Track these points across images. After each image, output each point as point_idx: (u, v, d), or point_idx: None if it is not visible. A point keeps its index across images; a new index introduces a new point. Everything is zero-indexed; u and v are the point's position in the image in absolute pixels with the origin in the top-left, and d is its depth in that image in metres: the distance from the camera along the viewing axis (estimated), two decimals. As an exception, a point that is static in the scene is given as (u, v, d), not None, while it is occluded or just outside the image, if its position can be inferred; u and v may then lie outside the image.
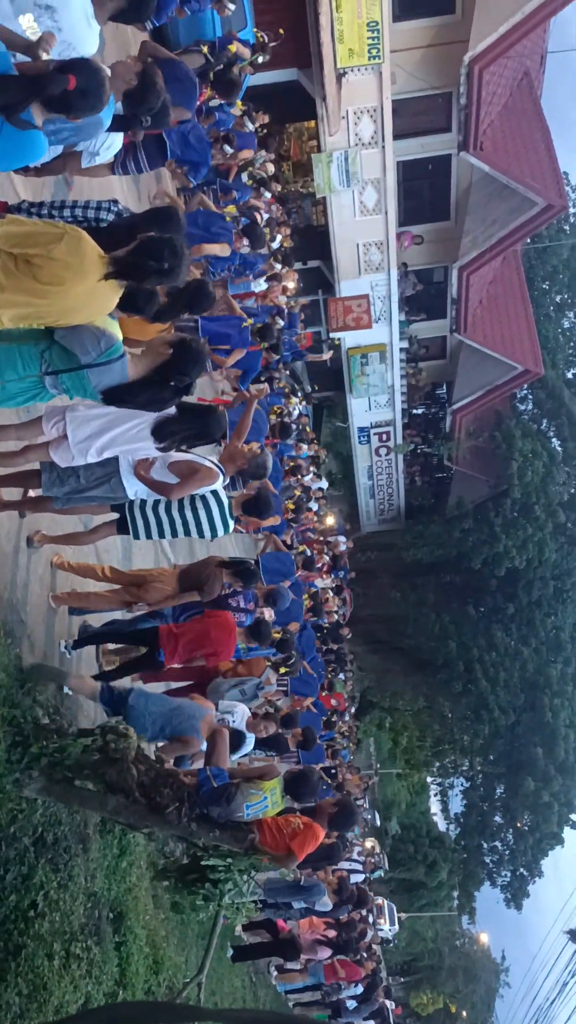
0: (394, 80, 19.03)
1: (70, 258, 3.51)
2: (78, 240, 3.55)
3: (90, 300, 3.67)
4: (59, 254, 3.49)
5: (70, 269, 3.52)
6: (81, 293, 3.62)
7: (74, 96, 3.51)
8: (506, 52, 18.71)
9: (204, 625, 6.55)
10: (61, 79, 3.45)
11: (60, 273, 3.51)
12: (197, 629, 6.51)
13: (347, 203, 20.66)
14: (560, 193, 21.30)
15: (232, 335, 9.69)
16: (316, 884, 9.07)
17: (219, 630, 6.55)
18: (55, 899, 5.05)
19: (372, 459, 26.99)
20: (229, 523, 5.89)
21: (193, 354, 4.18)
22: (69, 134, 4.01)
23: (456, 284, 22.69)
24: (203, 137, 8.95)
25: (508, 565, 26.43)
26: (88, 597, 6.26)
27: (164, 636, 6.37)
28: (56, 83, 3.44)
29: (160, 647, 6.32)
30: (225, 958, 10.17)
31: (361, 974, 13.31)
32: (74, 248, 3.53)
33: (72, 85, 3.49)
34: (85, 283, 3.59)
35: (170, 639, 6.34)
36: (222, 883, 4.77)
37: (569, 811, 30.58)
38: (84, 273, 3.56)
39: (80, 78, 3.49)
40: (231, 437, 5.74)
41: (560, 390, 28.80)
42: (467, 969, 46.75)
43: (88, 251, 3.57)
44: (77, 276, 3.55)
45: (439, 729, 33.49)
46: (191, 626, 6.55)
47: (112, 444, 4.73)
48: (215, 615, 6.68)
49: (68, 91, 3.49)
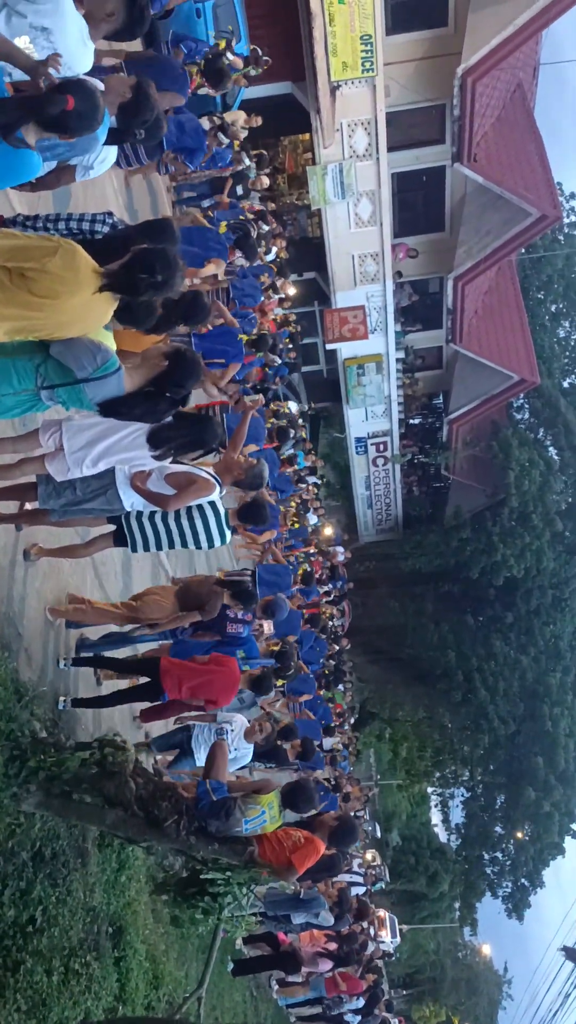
0: (388, 93, 19.15)
1: (64, 271, 3.51)
2: (72, 253, 3.55)
3: (85, 313, 3.67)
4: (53, 267, 3.49)
5: (64, 282, 3.52)
6: (75, 306, 3.62)
7: (71, 117, 3.53)
8: (499, 64, 18.82)
9: (210, 672, 6.46)
10: (60, 99, 3.46)
11: (54, 286, 3.51)
12: (202, 675, 6.42)
13: (342, 215, 20.74)
14: (554, 203, 21.40)
15: (228, 350, 9.71)
16: (316, 897, 9.02)
17: (223, 680, 6.48)
18: (54, 914, 5.02)
19: (369, 469, 27.02)
20: (226, 533, 5.88)
21: (188, 365, 4.18)
22: (64, 150, 4.03)
23: (451, 294, 22.76)
24: (198, 127, 9.00)
25: (506, 574, 26.43)
26: (86, 612, 6.23)
27: (165, 671, 6.29)
28: (54, 104, 3.45)
29: (162, 681, 6.26)
30: (226, 972, 10.11)
31: (363, 987, 13.23)
32: (68, 261, 3.53)
33: (71, 106, 3.51)
34: (79, 296, 3.59)
35: (172, 677, 6.27)
36: (221, 897, 4.75)
37: (570, 821, 30.50)
38: (78, 286, 3.56)
39: (78, 99, 3.51)
40: (227, 447, 5.73)
41: (556, 399, 28.87)
42: (469, 981, 46.54)
43: (82, 264, 3.57)
44: (71, 289, 3.55)
45: (439, 739, 33.44)
46: (195, 669, 6.46)
47: (108, 453, 4.73)
48: (223, 661, 6.62)
49: (65, 111, 3.50)
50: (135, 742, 7.33)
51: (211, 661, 6.55)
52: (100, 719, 6.74)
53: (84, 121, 3.55)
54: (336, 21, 17.06)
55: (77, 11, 3.97)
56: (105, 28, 4.09)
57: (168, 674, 6.24)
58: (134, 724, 7.77)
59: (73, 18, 3.92)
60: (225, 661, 6.58)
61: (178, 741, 7.35)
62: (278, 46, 17.00)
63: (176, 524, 5.70)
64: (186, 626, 6.89)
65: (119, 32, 4.11)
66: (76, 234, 4.35)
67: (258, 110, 13.63)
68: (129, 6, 4.02)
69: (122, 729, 7.08)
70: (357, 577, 27.69)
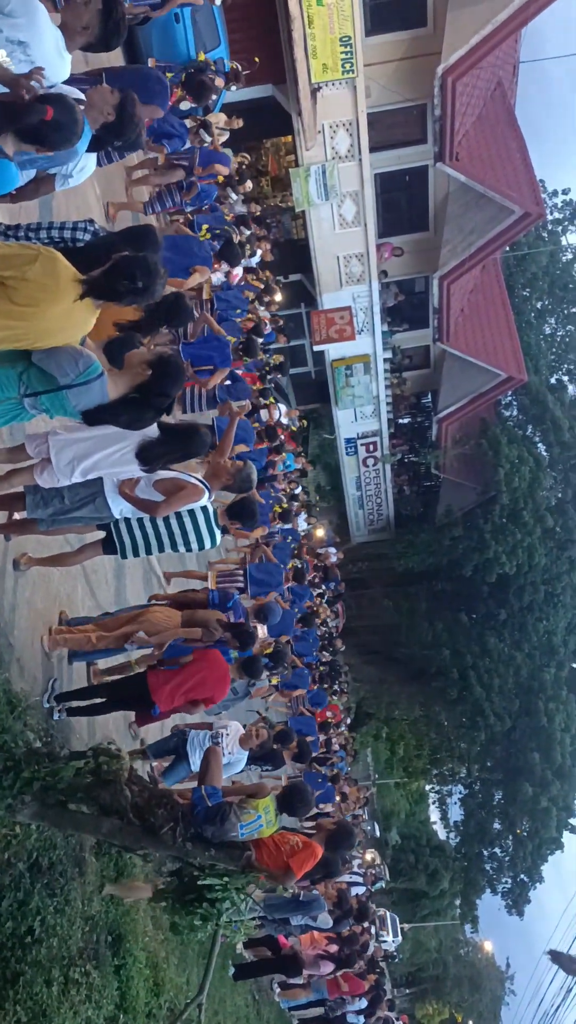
0: (369, 93, 19.18)
1: (45, 279, 3.51)
2: (53, 261, 3.56)
3: (66, 322, 3.67)
4: (33, 275, 3.49)
5: (45, 290, 3.52)
6: (57, 314, 3.63)
7: (49, 128, 3.53)
8: (478, 63, 18.88)
9: (198, 670, 6.41)
10: (39, 109, 3.47)
11: (35, 295, 3.51)
12: (191, 675, 6.37)
13: (326, 216, 20.78)
14: (537, 201, 21.47)
15: (214, 356, 9.72)
16: (316, 898, 9.01)
17: (214, 676, 6.43)
18: (52, 924, 5.01)
19: (360, 470, 27.06)
20: (216, 535, 5.88)
21: (172, 372, 4.18)
22: (44, 162, 4.04)
23: (437, 294, 22.82)
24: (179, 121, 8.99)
25: (499, 571, 26.49)
26: (85, 640, 6.19)
27: (155, 686, 6.22)
28: (33, 113, 3.45)
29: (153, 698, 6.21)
30: (227, 977, 10.10)
31: (364, 987, 13.23)
32: (49, 269, 3.53)
33: (49, 116, 3.51)
34: (61, 304, 3.59)
35: (162, 687, 6.21)
36: (219, 902, 4.74)
37: (568, 815, 30.57)
38: (59, 294, 3.56)
39: (57, 110, 3.51)
40: (215, 454, 5.73)
41: (544, 395, 28.94)
42: (472, 978, 46.58)
43: (63, 272, 3.57)
44: (52, 297, 3.55)
45: (436, 737, 33.49)
46: (183, 675, 6.38)
47: (95, 468, 4.73)
48: (207, 656, 6.59)
49: (44, 122, 3.50)
50: (129, 750, 7.33)
51: (196, 659, 6.54)
52: (94, 727, 6.73)
53: (63, 134, 3.56)
54: (315, 23, 17.09)
55: (53, 23, 3.98)
56: (81, 40, 4.10)
57: (158, 688, 6.20)
58: (129, 731, 7.76)
59: (49, 31, 3.93)
60: (210, 656, 6.56)
61: (173, 746, 7.34)
62: (258, 49, 17.02)
63: (166, 527, 5.69)
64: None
65: (95, 44, 4.12)
66: (58, 242, 4.35)
67: (239, 113, 13.63)
68: (105, 18, 4.03)
69: (116, 737, 7.07)
70: (350, 578, 27.72)
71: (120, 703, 6.50)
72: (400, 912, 37.36)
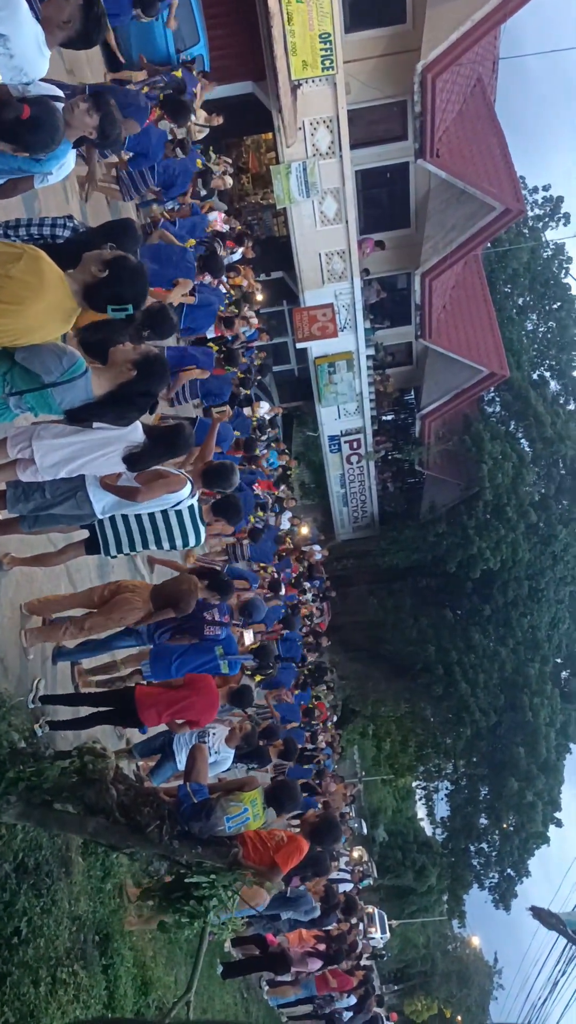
0: (348, 90, 19.19)
1: (29, 277, 3.50)
2: (36, 260, 3.55)
3: (48, 320, 3.66)
4: (17, 273, 3.48)
5: (29, 288, 3.51)
6: (40, 311, 3.62)
7: (25, 127, 3.51)
8: (458, 59, 18.93)
9: (187, 693, 6.35)
10: (15, 106, 3.45)
11: (20, 292, 3.50)
12: (180, 700, 6.30)
13: (307, 213, 20.76)
14: (517, 197, 21.54)
15: (198, 357, 9.74)
16: (303, 894, 9.01)
17: (203, 702, 6.37)
18: (39, 925, 4.99)
19: (344, 467, 27.08)
20: (201, 531, 5.86)
21: (157, 371, 4.16)
22: (20, 164, 4.04)
23: (419, 290, 22.86)
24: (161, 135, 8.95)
25: (483, 567, 26.59)
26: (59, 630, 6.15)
27: (142, 702, 6.17)
28: (9, 108, 3.43)
29: (139, 714, 6.16)
30: (216, 975, 10.09)
31: (353, 983, 13.24)
32: (33, 268, 3.52)
33: (26, 114, 3.49)
34: (44, 302, 3.59)
35: (148, 707, 6.16)
36: (207, 900, 4.73)
37: (553, 809, 30.71)
38: (43, 292, 3.56)
39: (35, 109, 3.49)
40: (196, 459, 5.73)
41: (526, 391, 29.06)
42: (460, 973, 46.76)
43: (47, 270, 3.57)
44: (36, 295, 3.55)
45: (422, 733, 33.58)
46: (172, 696, 6.33)
47: (80, 471, 4.71)
48: (197, 681, 6.54)
49: (20, 120, 3.48)
50: (115, 749, 7.30)
51: (187, 684, 6.47)
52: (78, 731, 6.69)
53: (39, 136, 3.55)
54: (294, 20, 17.07)
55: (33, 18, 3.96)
56: (61, 35, 4.08)
57: (145, 704, 6.16)
58: (115, 731, 7.72)
59: (29, 25, 3.91)
60: (202, 682, 6.48)
61: (159, 745, 7.32)
62: (237, 46, 17.03)
63: (151, 523, 5.67)
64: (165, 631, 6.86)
65: (75, 39, 4.10)
66: (38, 239, 4.33)
67: (219, 110, 13.61)
68: (85, 12, 4.01)
69: (102, 736, 7.03)
70: (335, 575, 27.74)
71: (104, 718, 6.46)
72: (388, 909, 37.43)
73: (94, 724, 6.52)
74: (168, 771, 7.26)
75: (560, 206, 34.03)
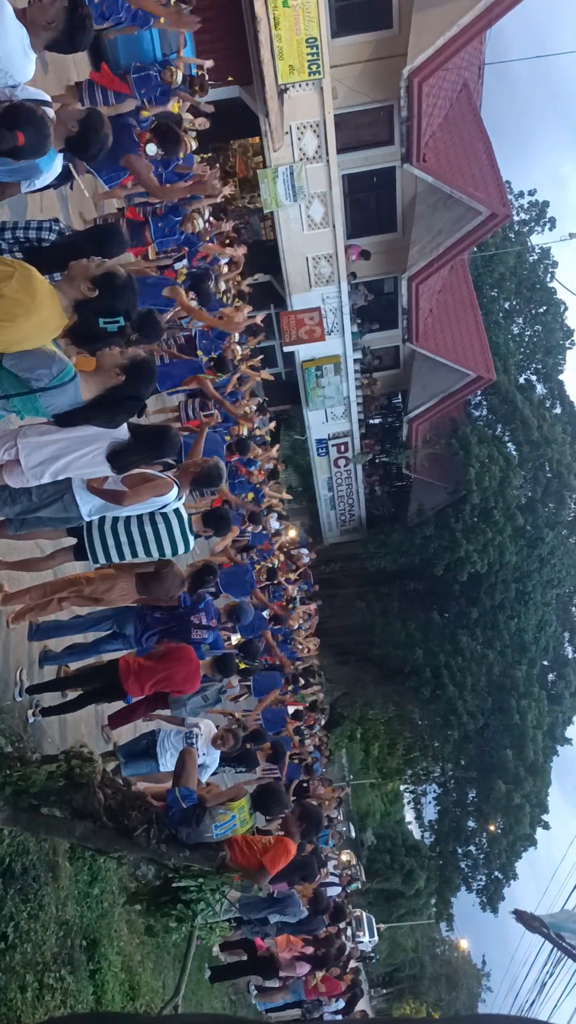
0: (335, 95, 19.25)
1: (21, 295, 3.51)
2: (29, 278, 3.55)
3: (39, 332, 3.67)
4: (9, 292, 3.49)
5: (21, 305, 3.52)
6: (31, 326, 3.63)
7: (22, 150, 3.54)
8: (444, 65, 19.00)
9: (168, 663, 6.44)
10: (9, 137, 3.48)
11: (11, 310, 3.52)
12: (161, 668, 6.40)
13: (294, 217, 20.80)
14: (503, 202, 21.63)
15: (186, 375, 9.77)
16: (290, 895, 8.99)
17: (183, 667, 6.46)
18: (26, 930, 4.98)
19: (331, 471, 27.11)
20: (190, 540, 5.84)
21: (145, 376, 4.16)
22: (5, 176, 4.05)
23: (406, 294, 22.91)
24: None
25: (470, 570, 26.64)
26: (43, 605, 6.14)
27: (124, 672, 6.25)
28: (5, 140, 3.47)
29: (123, 684, 6.22)
30: (204, 980, 10.08)
31: (341, 988, 13.22)
32: (25, 286, 3.53)
33: (21, 142, 3.53)
34: (37, 318, 3.60)
35: (132, 676, 6.24)
36: (194, 903, 4.73)
37: (540, 812, 30.76)
38: (35, 310, 3.57)
39: (28, 134, 3.53)
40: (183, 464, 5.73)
41: (513, 395, 29.15)
42: (449, 976, 46.82)
43: (39, 288, 3.57)
44: (28, 313, 3.56)
45: (410, 736, 33.60)
46: (154, 664, 6.43)
47: (66, 470, 4.69)
48: (177, 650, 6.59)
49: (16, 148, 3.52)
50: (102, 752, 7.29)
51: (168, 653, 6.52)
52: (66, 731, 6.69)
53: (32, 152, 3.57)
54: (281, 24, 17.12)
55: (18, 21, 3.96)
56: (46, 36, 4.08)
57: (128, 674, 6.22)
58: (102, 735, 7.71)
59: (14, 26, 3.91)
60: (182, 651, 6.56)
61: (143, 748, 7.31)
62: (224, 49, 17.00)
63: (139, 531, 5.64)
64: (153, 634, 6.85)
65: (60, 41, 4.11)
66: (23, 243, 4.32)
67: (206, 113, 13.59)
68: (70, 13, 4.02)
69: (89, 739, 7.03)
70: (323, 578, 27.71)
71: (93, 695, 6.48)
72: (376, 912, 37.41)
73: (84, 704, 6.53)
74: (144, 768, 7.25)
75: (546, 211, 34.20)
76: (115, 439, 4.49)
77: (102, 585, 6.10)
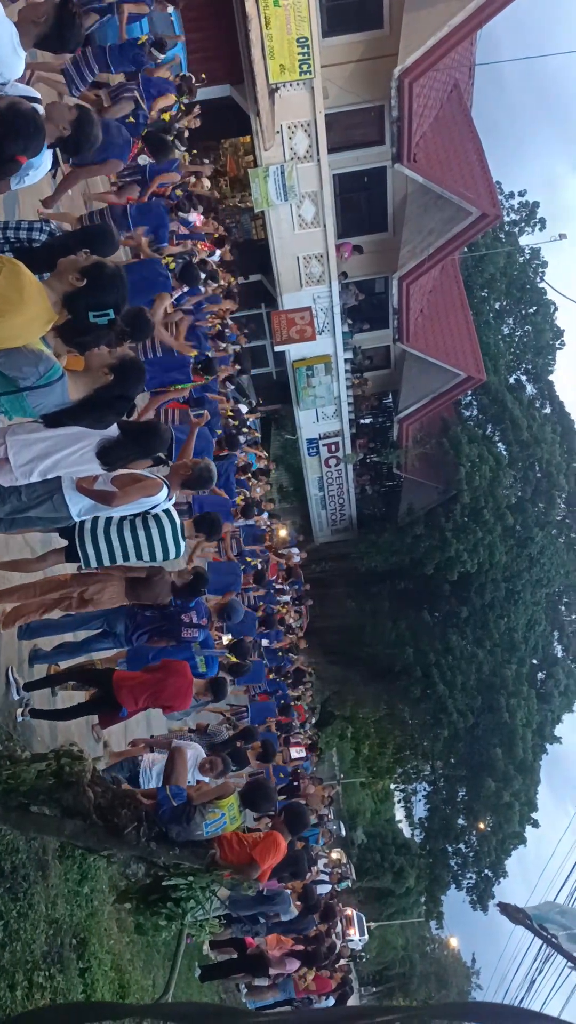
0: (326, 95, 19.26)
1: (9, 292, 3.50)
2: (16, 275, 3.54)
3: (27, 330, 3.66)
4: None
5: (9, 303, 3.51)
6: (19, 323, 3.62)
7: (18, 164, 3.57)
8: (435, 65, 19.04)
9: (163, 680, 6.46)
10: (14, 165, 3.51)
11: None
12: (155, 682, 6.42)
13: (285, 217, 20.81)
14: (493, 202, 21.66)
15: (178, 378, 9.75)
16: (280, 892, 9.02)
17: (177, 686, 6.48)
18: (15, 928, 4.97)
19: (322, 470, 27.13)
20: (182, 543, 5.83)
21: (133, 375, 4.17)
22: None
23: (397, 294, 22.94)
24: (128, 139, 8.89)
25: (460, 569, 26.69)
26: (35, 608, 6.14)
27: (118, 686, 6.27)
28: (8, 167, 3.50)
29: (117, 696, 6.24)
30: (194, 979, 10.08)
31: (331, 986, 13.25)
32: (13, 283, 3.51)
33: (23, 162, 3.55)
34: (24, 315, 3.59)
35: (126, 691, 6.25)
36: (184, 902, 4.74)
37: (530, 810, 30.85)
38: (23, 306, 3.55)
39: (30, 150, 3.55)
40: (174, 464, 5.74)
41: (503, 395, 29.22)
42: (438, 975, 46.90)
43: (27, 285, 3.56)
44: (16, 309, 3.54)
45: (400, 735, 33.63)
46: (148, 678, 6.44)
47: (55, 467, 4.70)
48: (172, 666, 6.59)
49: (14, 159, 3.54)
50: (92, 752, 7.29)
51: (162, 668, 6.52)
52: (56, 730, 6.68)
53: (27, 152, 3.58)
54: (272, 24, 17.13)
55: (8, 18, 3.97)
56: (36, 32, 4.09)
57: (122, 689, 6.20)
58: (92, 734, 7.71)
59: (4, 24, 3.92)
60: (177, 667, 6.56)
61: (125, 776, 7.31)
62: (215, 49, 17.04)
63: (132, 535, 5.62)
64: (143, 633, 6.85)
65: (50, 37, 4.12)
66: (14, 242, 4.32)
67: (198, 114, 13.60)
68: (59, 9, 4.03)
69: (79, 739, 7.02)
70: (313, 578, 27.70)
71: (87, 706, 6.46)
72: (367, 911, 37.47)
73: (78, 715, 6.53)
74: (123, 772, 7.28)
75: (536, 211, 34.27)
76: (104, 436, 4.50)
77: (93, 588, 6.10)
